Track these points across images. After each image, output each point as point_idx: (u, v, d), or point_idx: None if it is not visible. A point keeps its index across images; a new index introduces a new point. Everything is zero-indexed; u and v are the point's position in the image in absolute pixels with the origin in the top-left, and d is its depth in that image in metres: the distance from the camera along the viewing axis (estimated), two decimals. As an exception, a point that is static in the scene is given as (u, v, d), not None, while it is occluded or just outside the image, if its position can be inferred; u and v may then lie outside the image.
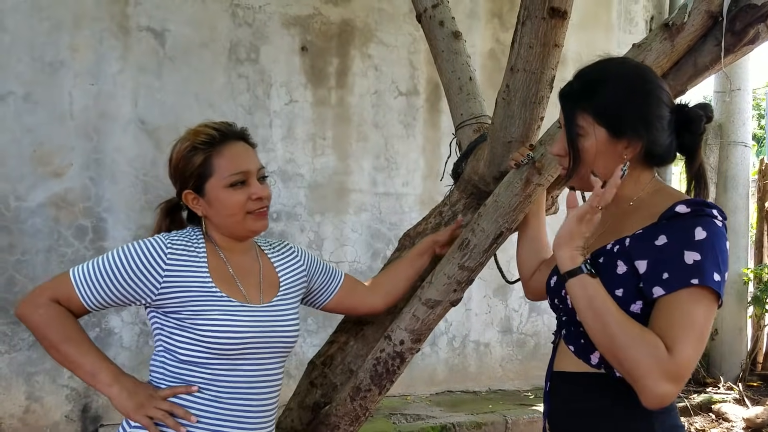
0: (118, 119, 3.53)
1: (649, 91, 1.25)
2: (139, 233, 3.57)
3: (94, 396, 3.47)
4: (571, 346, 1.30)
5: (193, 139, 1.49)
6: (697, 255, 1.12)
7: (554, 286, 1.39)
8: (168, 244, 1.42)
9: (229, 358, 1.40)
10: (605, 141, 1.26)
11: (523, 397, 4.40)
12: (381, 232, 4.19)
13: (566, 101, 1.30)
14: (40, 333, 1.38)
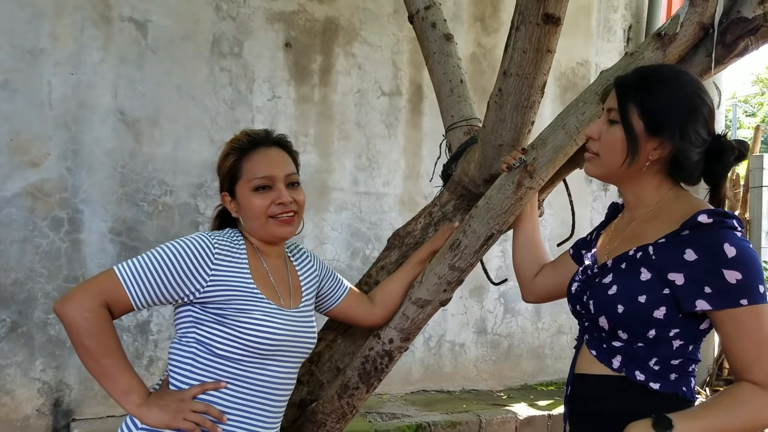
0: (98, 110, 3.47)
1: (695, 105, 1.30)
2: (115, 226, 3.52)
3: (66, 390, 3.42)
4: (594, 351, 1.33)
5: (230, 143, 1.56)
6: (738, 274, 1.17)
7: (575, 292, 1.43)
8: (215, 244, 1.45)
9: (262, 357, 1.44)
10: (640, 134, 1.30)
11: (496, 398, 4.44)
12: (361, 231, 4.19)
13: (622, 90, 1.34)
14: (81, 339, 1.36)
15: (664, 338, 1.25)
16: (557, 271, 1.67)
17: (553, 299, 1.75)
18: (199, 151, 3.74)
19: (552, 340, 4.97)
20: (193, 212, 3.73)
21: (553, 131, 1.70)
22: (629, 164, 1.31)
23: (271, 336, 1.43)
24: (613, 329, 1.29)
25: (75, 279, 3.43)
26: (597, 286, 1.33)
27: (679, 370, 1.26)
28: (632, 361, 1.27)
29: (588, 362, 1.35)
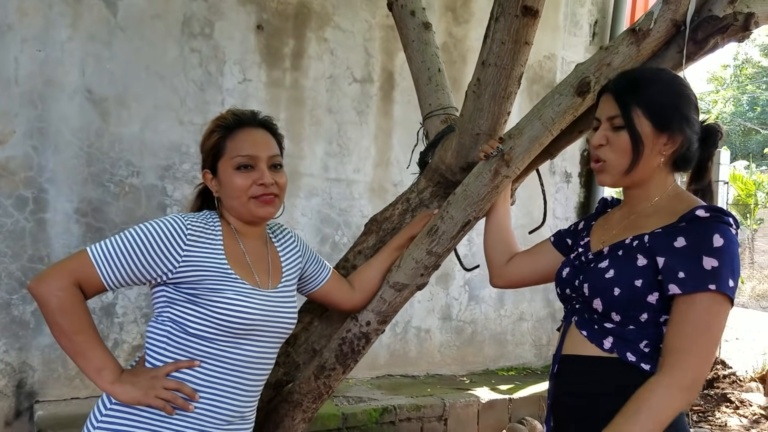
0: (65, 88, 3.40)
1: (688, 95, 1.38)
2: (81, 206, 3.46)
3: (29, 371, 3.36)
4: (584, 332, 1.38)
5: (216, 121, 1.56)
6: (715, 262, 1.22)
7: (566, 277, 1.48)
8: (188, 225, 1.45)
9: (235, 336, 1.44)
10: (649, 134, 1.36)
11: (459, 382, 4.53)
12: (331, 217, 4.20)
13: (620, 94, 1.39)
14: (54, 317, 1.37)
15: (656, 323, 1.31)
16: (535, 258, 1.72)
17: (524, 285, 1.80)
18: (168, 132, 3.70)
19: (513, 327, 5.08)
20: (161, 194, 3.69)
21: (530, 122, 1.75)
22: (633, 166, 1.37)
23: (244, 315, 1.43)
24: (607, 311, 1.34)
25: (39, 259, 3.37)
26: (593, 270, 1.39)
27: None
28: (623, 343, 1.32)
29: (577, 343, 1.40)
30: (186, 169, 3.76)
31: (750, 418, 4.98)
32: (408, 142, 4.46)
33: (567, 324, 1.47)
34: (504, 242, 1.78)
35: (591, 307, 1.37)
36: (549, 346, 5.27)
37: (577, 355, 1.40)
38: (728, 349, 6.62)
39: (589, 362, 1.37)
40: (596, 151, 1.44)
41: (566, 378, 1.43)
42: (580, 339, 1.39)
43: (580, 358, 1.39)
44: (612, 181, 1.43)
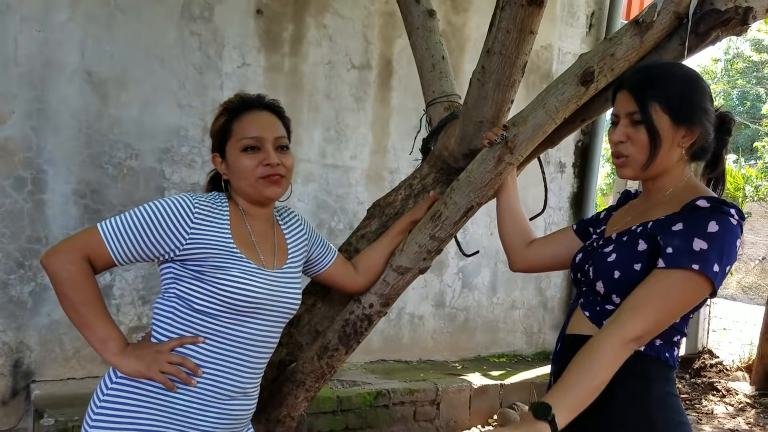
0: (64, 69, 3.39)
1: (703, 88, 1.42)
2: (79, 188, 3.47)
3: (26, 351, 3.38)
4: (587, 312, 1.44)
5: (223, 105, 1.59)
6: (704, 244, 1.26)
7: (578, 262, 1.53)
8: (195, 204, 1.48)
9: (239, 313, 1.47)
10: (668, 128, 1.39)
11: (451, 368, 4.59)
12: (327, 203, 4.23)
13: (637, 90, 1.42)
14: (63, 289, 1.40)
15: None
16: (556, 244, 1.76)
17: (543, 270, 1.86)
18: (166, 115, 3.70)
19: (505, 315, 5.14)
20: (159, 177, 3.70)
21: (534, 110, 1.78)
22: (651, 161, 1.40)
23: (248, 294, 1.46)
24: (608, 294, 1.39)
25: (37, 240, 3.38)
26: (598, 254, 1.44)
27: (663, 337, 1.37)
28: None
29: (580, 324, 1.46)
30: (184, 153, 3.77)
31: (736, 406, 5.08)
32: (405, 129, 4.49)
33: (574, 306, 1.52)
34: (519, 227, 1.82)
35: (595, 290, 1.43)
36: (540, 334, 5.34)
37: (579, 335, 1.45)
38: (716, 339, 6.73)
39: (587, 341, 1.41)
40: (617, 147, 1.47)
41: (566, 356, 1.46)
42: (583, 320, 1.45)
43: (580, 337, 1.44)
44: (633, 175, 1.47)
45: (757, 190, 12.33)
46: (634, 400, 1.36)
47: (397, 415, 3.85)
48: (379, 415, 3.79)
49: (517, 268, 1.84)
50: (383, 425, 3.80)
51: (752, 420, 4.83)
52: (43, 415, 2.98)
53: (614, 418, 1.36)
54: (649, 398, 1.35)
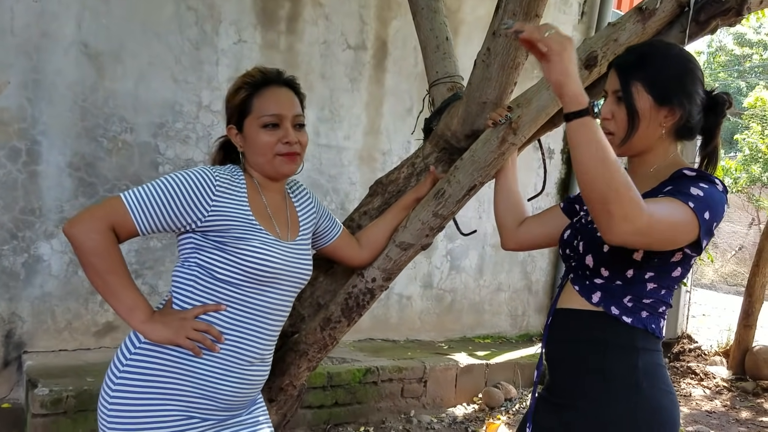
0: (61, 41, 3.38)
1: (691, 70, 1.46)
2: (74, 160, 3.47)
3: (18, 322, 3.39)
4: (577, 286, 1.49)
5: (242, 78, 1.60)
6: (701, 192, 1.33)
7: (567, 238, 1.57)
8: (216, 177, 1.51)
9: (260, 283, 1.52)
10: (650, 107, 1.44)
11: (438, 347, 4.67)
12: (320, 183, 4.26)
13: (622, 70, 1.47)
14: (89, 259, 1.42)
15: (640, 279, 1.41)
16: (545, 222, 1.81)
17: (535, 248, 1.90)
18: (162, 90, 3.70)
19: (491, 297, 5.23)
20: (153, 152, 3.71)
21: (538, 92, 1.82)
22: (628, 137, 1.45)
23: (268, 264, 1.51)
24: (597, 267, 1.44)
25: (31, 211, 3.37)
26: (588, 229, 1.49)
27: (649, 309, 1.43)
28: (609, 297, 1.43)
29: (570, 297, 1.51)
30: (179, 128, 3.77)
31: (713, 389, 5.23)
32: (398, 111, 4.52)
33: (563, 281, 1.57)
34: (514, 207, 1.87)
35: (584, 264, 1.48)
36: (524, 317, 5.44)
37: (569, 309, 1.51)
38: (695, 324, 6.89)
39: (578, 315, 1.48)
40: (603, 123, 1.51)
41: (558, 328, 1.54)
42: (573, 294, 1.50)
43: (571, 311, 1.50)
44: (617, 151, 1.50)
45: (737, 182, 12.51)
46: (622, 370, 1.42)
47: (386, 392, 3.92)
48: (368, 391, 3.85)
49: (508, 246, 1.88)
50: (371, 401, 3.87)
51: (728, 402, 4.98)
52: (37, 385, 3.00)
53: (603, 389, 1.42)
54: (638, 368, 1.41)
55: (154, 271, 3.77)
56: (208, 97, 3.84)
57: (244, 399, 1.57)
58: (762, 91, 14.22)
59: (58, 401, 2.97)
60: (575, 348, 1.47)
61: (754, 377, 5.37)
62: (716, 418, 4.59)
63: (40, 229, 3.41)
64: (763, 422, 4.65)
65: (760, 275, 5.64)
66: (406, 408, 4.04)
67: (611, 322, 1.42)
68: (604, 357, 1.42)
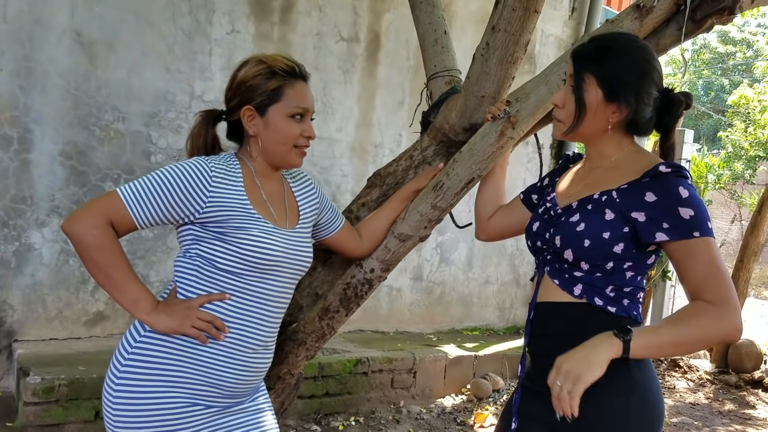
0: (53, 28, 3.35)
1: (646, 71, 1.47)
2: (66, 149, 3.45)
3: (8, 310, 3.38)
4: (556, 280, 1.51)
5: (272, 63, 1.58)
6: (690, 211, 1.36)
7: (537, 230, 1.59)
8: (212, 167, 1.52)
9: (261, 271, 1.53)
10: (599, 102, 1.47)
11: (427, 339, 4.71)
12: (312, 174, 4.24)
13: (577, 60, 1.49)
14: (90, 254, 1.42)
15: (619, 269, 1.45)
16: (509, 214, 1.86)
17: (502, 238, 1.96)
18: (154, 79, 3.69)
19: (479, 290, 5.27)
20: (145, 141, 3.70)
21: (537, 86, 1.85)
22: (573, 127, 1.49)
23: (268, 252, 1.52)
24: (577, 261, 1.46)
25: (22, 200, 3.36)
26: (564, 223, 1.50)
27: (630, 296, 1.47)
28: (591, 289, 1.46)
29: (550, 291, 1.53)
30: (171, 118, 3.76)
31: (696, 382, 5.32)
32: (391, 104, 4.53)
33: (540, 274, 1.59)
34: (494, 201, 1.91)
35: (562, 258, 1.49)
36: (512, 309, 5.49)
37: (551, 302, 1.53)
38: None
39: (561, 307, 1.50)
40: (554, 109, 1.56)
41: (541, 322, 1.55)
42: (553, 287, 1.52)
43: (553, 304, 1.52)
44: (560, 136, 1.56)
45: (719, 179, 12.67)
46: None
47: (376, 383, 3.96)
48: (359, 381, 3.88)
49: (480, 237, 1.95)
50: (362, 392, 3.90)
51: (711, 395, 5.08)
52: (29, 373, 3.00)
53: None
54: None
55: (146, 261, 3.77)
56: (200, 87, 3.83)
57: (248, 386, 1.59)
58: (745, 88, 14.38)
59: (50, 390, 2.97)
60: (561, 340, 1.47)
61: (737, 370, 5.47)
62: (699, 410, 4.67)
63: (31, 218, 3.39)
64: (746, 414, 4.74)
65: (744, 270, 5.74)
66: (396, 398, 4.08)
67: (596, 312, 1.45)
68: None
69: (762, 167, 12.77)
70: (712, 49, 23.01)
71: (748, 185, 12.90)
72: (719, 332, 1.35)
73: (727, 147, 13.78)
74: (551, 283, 1.52)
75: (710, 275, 1.36)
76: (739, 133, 12.85)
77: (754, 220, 5.79)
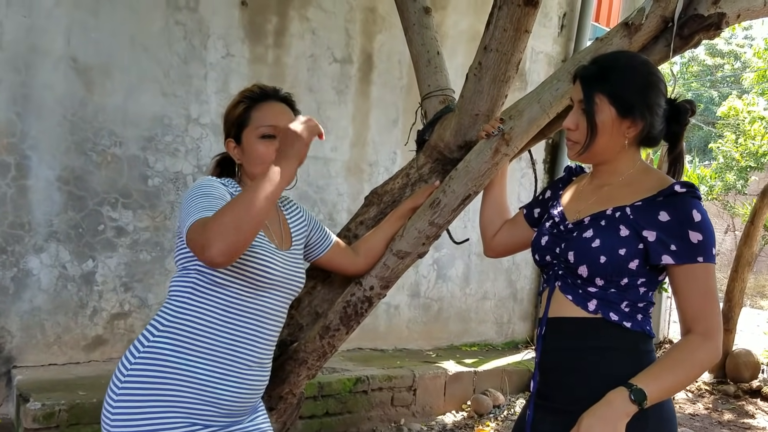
0: (50, 55, 3.39)
1: (653, 83, 1.51)
2: (63, 174, 3.47)
3: (7, 336, 3.37)
4: (569, 296, 1.51)
5: (242, 93, 1.68)
6: (699, 236, 1.40)
7: (546, 244, 1.61)
8: (222, 183, 1.60)
9: (258, 288, 1.56)
10: (613, 119, 1.50)
11: (426, 356, 4.71)
12: (308, 194, 4.30)
13: (586, 82, 1.53)
14: (226, 223, 1.33)
15: (633, 285, 1.47)
16: (512, 229, 1.88)
17: (509, 254, 1.97)
18: (151, 104, 3.72)
19: (477, 306, 5.29)
20: (143, 165, 3.72)
21: (529, 104, 1.89)
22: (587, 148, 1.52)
23: (269, 271, 1.55)
24: (592, 277, 1.48)
25: (20, 226, 3.37)
26: (578, 239, 1.51)
27: (643, 311, 1.49)
28: (606, 304, 1.47)
29: (563, 306, 1.53)
30: (168, 141, 3.79)
31: (696, 392, 5.33)
32: (384, 123, 4.58)
33: (551, 289, 1.58)
34: (498, 217, 1.92)
35: (575, 273, 1.50)
36: (509, 324, 5.50)
37: (564, 317, 1.53)
38: (677, 330, 7.00)
39: (576, 323, 1.50)
40: (567, 132, 1.59)
41: (554, 337, 1.55)
42: (566, 302, 1.52)
43: (566, 319, 1.52)
44: (575, 158, 1.59)
45: (711, 190, 12.75)
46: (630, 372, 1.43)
47: (376, 401, 3.95)
48: (359, 400, 3.88)
49: (488, 254, 1.97)
50: (362, 410, 3.90)
51: (711, 405, 5.09)
52: (29, 399, 2.99)
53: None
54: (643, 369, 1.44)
55: (144, 284, 3.78)
56: (196, 111, 3.87)
57: (245, 405, 1.60)
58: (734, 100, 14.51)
59: (50, 415, 2.96)
60: (577, 356, 1.49)
61: (735, 380, 5.49)
62: (699, 421, 4.68)
63: (29, 244, 3.40)
64: (745, 424, 4.75)
65: (739, 280, 5.78)
66: (396, 417, 4.08)
67: (612, 327, 1.46)
68: (611, 362, 1.45)
69: (753, 177, 12.87)
70: (701, 62, 23.25)
71: (740, 195, 12.99)
72: (710, 364, 1.43)
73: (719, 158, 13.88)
74: (564, 299, 1.53)
75: (705, 306, 1.41)
76: (729, 144, 12.96)
77: (747, 231, 5.84)
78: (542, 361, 1.59)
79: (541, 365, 1.59)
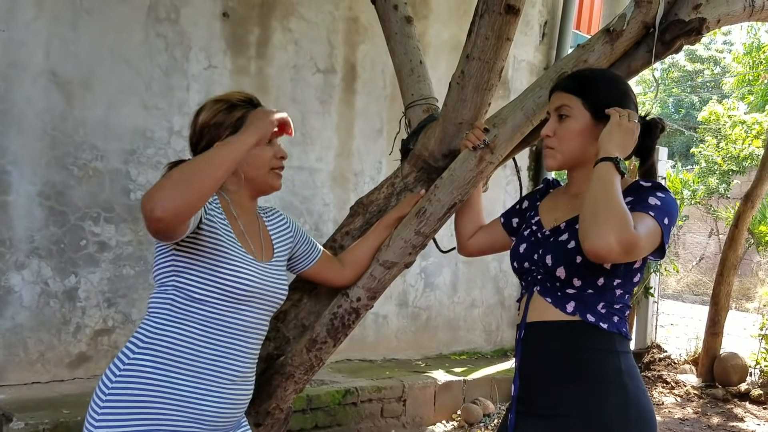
0: (29, 69, 3.35)
1: (626, 92, 1.59)
2: (44, 189, 3.42)
3: (-11, 357, 3.31)
4: (548, 298, 1.54)
5: (229, 98, 1.64)
6: (658, 201, 1.44)
7: (524, 252, 1.63)
8: None
9: (237, 302, 1.53)
10: (588, 123, 1.56)
11: (415, 366, 4.68)
12: (293, 205, 4.27)
13: (560, 90, 1.60)
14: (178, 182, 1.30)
15: (610, 286, 1.50)
16: (489, 234, 1.93)
17: (483, 255, 2.05)
18: (132, 116, 3.69)
19: (465, 314, 5.28)
20: (125, 179, 3.68)
21: (513, 112, 1.89)
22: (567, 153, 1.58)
23: (245, 283, 1.53)
24: (569, 278, 1.50)
25: (1, 242, 3.32)
26: (554, 243, 1.55)
27: (619, 313, 1.52)
28: (584, 306, 1.50)
29: (542, 310, 1.55)
30: (150, 154, 3.75)
31: (684, 396, 5.35)
32: (369, 132, 4.57)
33: (529, 294, 1.61)
34: (473, 220, 1.96)
35: (554, 276, 1.53)
36: (498, 332, 5.50)
37: (543, 321, 1.55)
38: (663, 334, 7.04)
39: (555, 325, 1.53)
40: (546, 140, 1.64)
41: (533, 341, 1.57)
42: (544, 306, 1.55)
43: (545, 323, 1.54)
44: (556, 164, 1.63)
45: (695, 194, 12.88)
46: (608, 374, 1.47)
47: (366, 413, 3.92)
48: (348, 412, 3.85)
49: (462, 253, 2.02)
50: (352, 422, 3.87)
51: (699, 409, 5.10)
52: (12, 419, 2.93)
53: (594, 393, 1.47)
54: (621, 370, 1.47)
55: (128, 299, 3.73)
56: (179, 123, 3.84)
57: (229, 420, 1.57)
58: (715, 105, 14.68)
59: (33, 435, 2.90)
60: (556, 359, 1.51)
61: (723, 384, 5.51)
62: (689, 425, 4.69)
63: (10, 260, 3.35)
64: (735, 427, 4.77)
65: (725, 284, 5.81)
66: (386, 428, 4.04)
67: (589, 329, 1.48)
68: (588, 364, 1.47)
69: (736, 181, 13.01)
70: (681, 68, 23.51)
71: (723, 199, 13.12)
72: (610, 227, 1.36)
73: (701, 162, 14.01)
74: (542, 302, 1.55)
75: (645, 229, 1.40)
76: (711, 148, 13.09)
77: (731, 234, 5.88)
78: (522, 366, 1.60)
79: (521, 370, 1.60)
